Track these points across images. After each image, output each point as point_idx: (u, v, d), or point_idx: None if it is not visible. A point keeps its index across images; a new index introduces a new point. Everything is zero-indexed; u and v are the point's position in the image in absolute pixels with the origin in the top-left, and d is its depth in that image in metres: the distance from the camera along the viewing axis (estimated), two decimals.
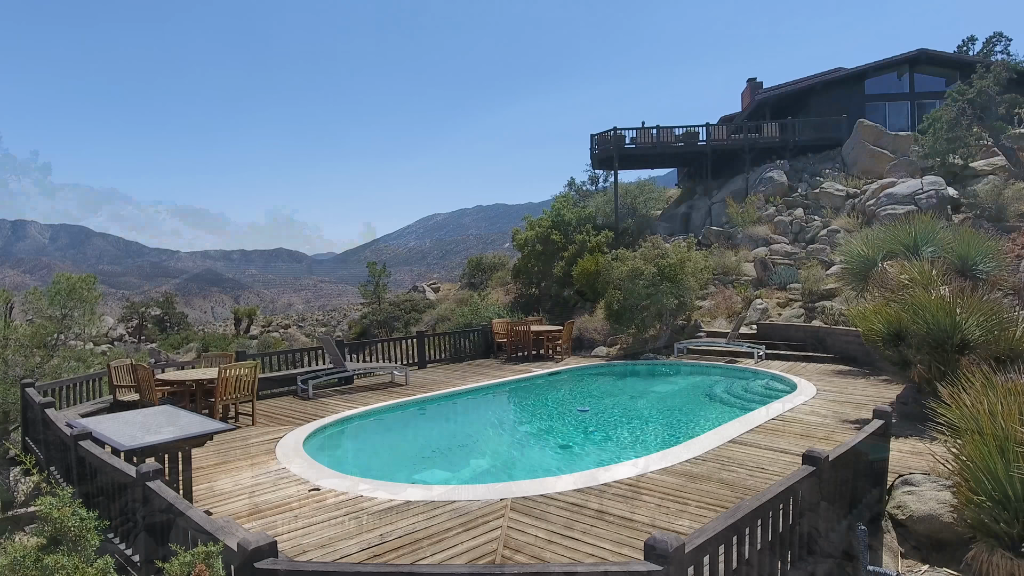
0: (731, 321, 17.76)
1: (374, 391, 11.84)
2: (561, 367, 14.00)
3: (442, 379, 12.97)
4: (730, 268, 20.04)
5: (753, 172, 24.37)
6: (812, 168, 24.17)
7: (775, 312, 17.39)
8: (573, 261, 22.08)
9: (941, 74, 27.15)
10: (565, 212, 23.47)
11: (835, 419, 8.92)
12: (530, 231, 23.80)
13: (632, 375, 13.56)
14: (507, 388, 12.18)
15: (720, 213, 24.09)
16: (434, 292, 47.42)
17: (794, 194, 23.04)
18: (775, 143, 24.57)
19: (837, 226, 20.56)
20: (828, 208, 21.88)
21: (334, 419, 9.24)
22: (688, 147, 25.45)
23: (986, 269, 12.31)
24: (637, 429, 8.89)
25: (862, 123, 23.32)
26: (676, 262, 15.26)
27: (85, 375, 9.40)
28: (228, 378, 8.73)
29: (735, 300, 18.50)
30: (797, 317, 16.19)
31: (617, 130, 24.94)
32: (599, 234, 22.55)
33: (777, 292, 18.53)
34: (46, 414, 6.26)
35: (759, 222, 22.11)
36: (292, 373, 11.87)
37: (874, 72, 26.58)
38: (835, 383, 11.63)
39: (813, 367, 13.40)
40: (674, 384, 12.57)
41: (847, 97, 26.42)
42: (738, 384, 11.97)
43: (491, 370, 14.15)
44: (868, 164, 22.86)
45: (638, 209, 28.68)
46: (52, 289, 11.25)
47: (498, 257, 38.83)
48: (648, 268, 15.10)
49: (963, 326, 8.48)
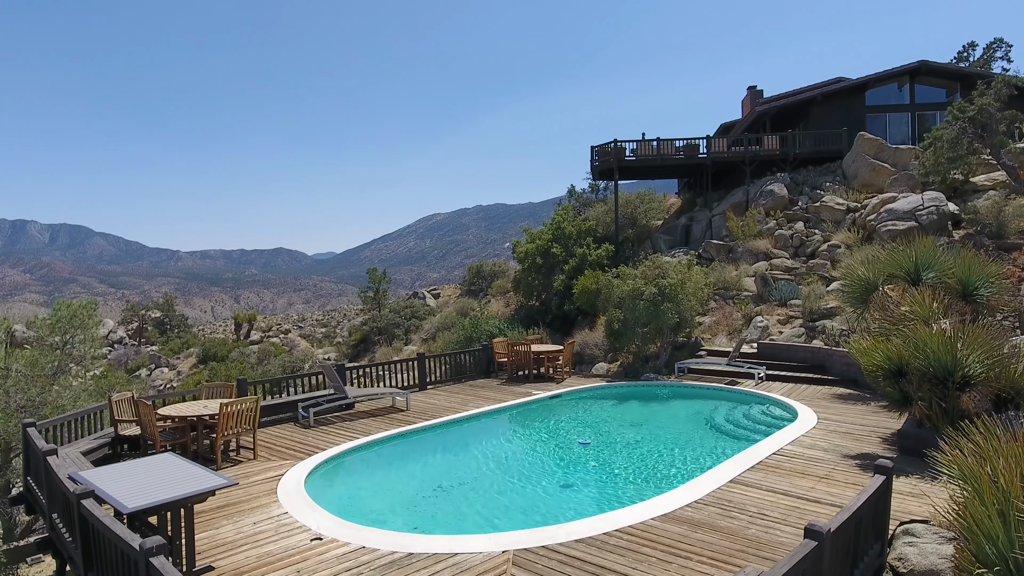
0: (731, 338, 17.78)
1: (375, 417, 11.86)
2: (562, 389, 14.01)
3: (443, 403, 12.98)
4: (731, 283, 20.04)
5: (754, 185, 24.37)
6: (813, 181, 24.16)
7: (776, 330, 17.41)
8: (574, 275, 22.11)
9: (941, 85, 27.16)
10: (565, 225, 23.48)
11: (835, 453, 8.93)
12: (530, 244, 23.81)
13: (633, 398, 13.56)
14: (508, 414, 12.18)
15: (720, 226, 24.09)
16: (434, 298, 47.44)
17: (794, 207, 23.04)
18: (775, 156, 24.56)
19: (838, 241, 20.57)
20: (828, 222, 21.89)
21: (335, 452, 9.25)
22: (688, 159, 25.45)
23: (987, 294, 12.34)
24: (638, 464, 8.90)
25: (863, 136, 23.31)
26: (677, 282, 15.27)
27: (86, 409, 9.40)
28: (229, 413, 8.73)
29: (735, 317, 18.51)
30: (798, 336, 16.19)
31: (617, 142, 24.93)
32: (599, 248, 22.57)
33: (778, 308, 18.54)
34: (48, 464, 6.26)
35: (759, 236, 22.11)
36: (293, 399, 11.87)
37: (875, 84, 26.59)
38: (835, 409, 11.64)
39: (813, 390, 13.42)
40: (675, 410, 12.58)
41: (847, 108, 26.42)
42: (739, 410, 11.97)
43: (492, 392, 14.17)
44: (868, 177, 22.85)
45: (638, 219, 28.71)
46: (53, 317, 11.25)
47: (498, 264, 38.88)
48: (649, 288, 15.10)
49: (964, 363, 8.49)
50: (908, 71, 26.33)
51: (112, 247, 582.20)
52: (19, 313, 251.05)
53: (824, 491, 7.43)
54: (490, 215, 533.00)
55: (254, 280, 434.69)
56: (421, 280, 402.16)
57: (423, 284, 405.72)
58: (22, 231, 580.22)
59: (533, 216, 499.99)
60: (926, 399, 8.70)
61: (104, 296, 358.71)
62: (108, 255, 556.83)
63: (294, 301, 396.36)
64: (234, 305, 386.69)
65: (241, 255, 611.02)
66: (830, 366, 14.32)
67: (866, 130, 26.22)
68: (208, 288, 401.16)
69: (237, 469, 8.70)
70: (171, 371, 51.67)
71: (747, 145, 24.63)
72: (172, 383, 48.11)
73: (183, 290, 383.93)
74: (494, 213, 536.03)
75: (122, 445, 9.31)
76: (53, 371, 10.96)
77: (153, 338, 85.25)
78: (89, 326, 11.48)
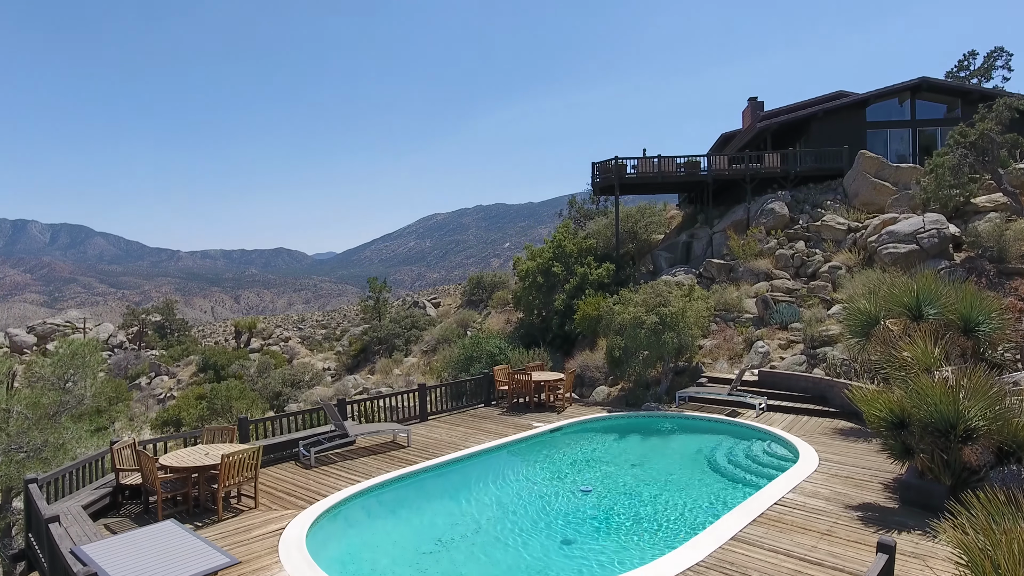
0: (732, 363, 17.78)
1: (376, 455, 11.85)
2: (562, 421, 14.00)
3: (444, 438, 12.97)
4: (732, 305, 20.03)
5: (754, 202, 24.35)
6: (813, 199, 24.14)
7: (777, 355, 17.40)
8: (575, 294, 22.11)
9: (942, 101, 27.13)
10: (566, 243, 23.46)
11: (837, 503, 8.91)
12: (531, 261, 23.80)
13: (634, 432, 13.55)
14: (509, 451, 12.16)
15: (721, 244, 24.07)
16: (434, 307, 47.49)
17: (795, 226, 23.02)
18: (776, 173, 24.54)
19: (838, 262, 20.56)
20: (829, 241, 21.88)
21: (336, 500, 9.23)
22: (689, 176, 25.43)
23: (988, 329, 12.34)
24: (640, 514, 8.89)
25: (864, 154, 23.28)
26: (678, 311, 15.25)
27: (87, 457, 9.39)
28: (231, 463, 8.72)
29: (736, 340, 18.51)
30: (799, 364, 16.18)
31: (618, 159, 24.91)
32: (600, 267, 22.56)
33: (779, 332, 18.53)
34: (51, 533, 6.25)
35: (760, 255, 22.10)
36: (294, 437, 11.85)
37: (875, 100, 26.57)
38: (836, 448, 11.63)
39: (815, 424, 13.41)
40: (676, 447, 12.57)
41: (848, 124, 26.40)
42: (740, 448, 11.96)
43: (492, 424, 14.16)
44: (869, 196, 22.83)
45: (639, 234, 28.71)
46: (55, 356, 11.24)
47: (498, 275, 38.88)
48: (650, 318, 15.09)
49: (967, 415, 8.47)
50: (909, 87, 26.31)
51: (113, 247, 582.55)
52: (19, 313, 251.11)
53: (826, 551, 7.41)
54: (490, 215, 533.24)
55: (254, 280, 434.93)
56: (421, 280, 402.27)
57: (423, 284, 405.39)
58: (23, 231, 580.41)
59: (533, 216, 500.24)
60: (928, 451, 8.69)
61: (104, 296, 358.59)
62: (109, 255, 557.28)
63: (294, 301, 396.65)
64: (234, 305, 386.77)
65: (241, 255, 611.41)
66: (831, 397, 14.31)
67: (867, 146, 26.24)
68: (208, 288, 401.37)
69: (238, 521, 8.68)
70: (171, 379, 51.70)
71: (748, 163, 24.60)
72: (172, 392, 48.15)
73: (183, 290, 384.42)
74: (494, 213, 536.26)
75: (124, 493, 9.30)
76: (54, 411, 10.95)
77: (153, 342, 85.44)
78: (91, 364, 11.47)
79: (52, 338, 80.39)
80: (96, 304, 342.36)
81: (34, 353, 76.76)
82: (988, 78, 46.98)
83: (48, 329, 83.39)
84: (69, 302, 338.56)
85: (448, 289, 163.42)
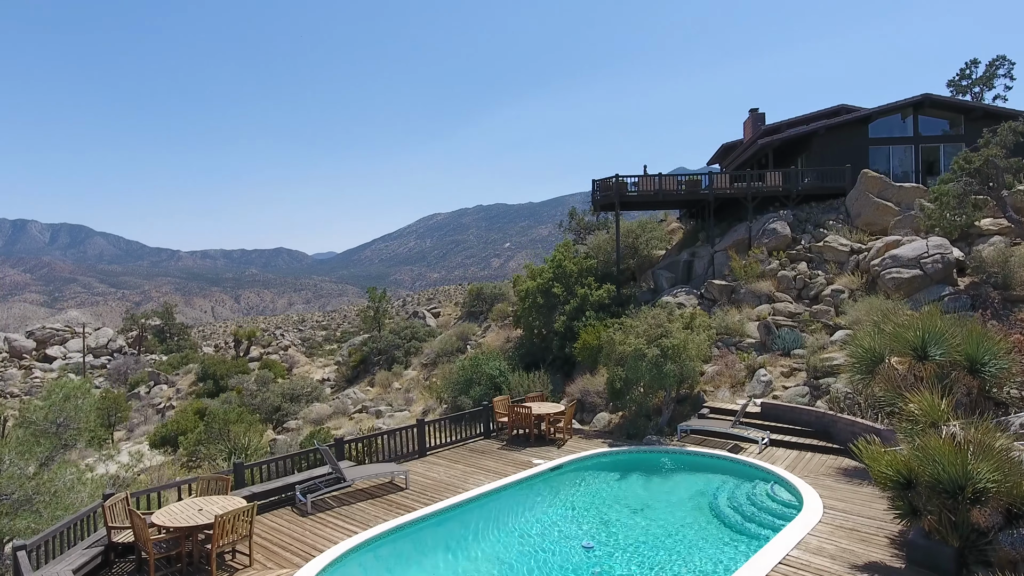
0: (734, 391, 17.61)
1: (374, 499, 11.67)
2: (563, 457, 13.82)
3: (443, 477, 12.80)
4: (733, 329, 19.86)
5: (756, 221, 24.17)
6: (816, 218, 23.97)
7: (779, 383, 17.22)
8: (575, 316, 21.95)
9: (945, 117, 26.95)
10: (567, 263, 23.28)
11: (843, 563, 8.74)
12: (531, 281, 23.62)
13: (635, 470, 13.37)
14: (509, 495, 11.99)
15: (723, 263, 23.90)
16: (434, 317, 47.32)
17: (797, 246, 22.85)
18: (778, 192, 24.37)
19: (841, 285, 20.39)
20: (832, 263, 21.70)
21: (332, 558, 9.05)
22: (690, 194, 25.27)
23: (995, 370, 12.19)
24: (643, 571, 8.73)
25: (866, 174, 23.11)
26: (680, 343, 15.08)
27: (78, 515, 9.21)
28: (224, 523, 8.55)
29: (738, 367, 18.33)
30: (802, 396, 16.00)
31: (619, 177, 24.74)
32: (600, 288, 22.39)
33: (781, 359, 18.34)
34: None
35: (762, 277, 21.93)
36: (291, 482, 11.68)
37: (878, 116, 26.39)
38: (841, 493, 11.44)
39: (818, 462, 13.24)
40: (678, 488, 12.39)
41: (850, 140, 26.23)
42: (742, 490, 11.79)
43: (492, 460, 13.99)
44: (872, 216, 22.66)
45: (640, 249, 28.56)
46: (47, 400, 11.07)
47: (498, 287, 38.72)
48: (651, 350, 14.91)
49: (976, 476, 8.30)
50: (912, 103, 26.13)
51: (113, 247, 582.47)
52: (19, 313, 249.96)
53: None
54: (490, 215, 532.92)
55: (254, 280, 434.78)
56: (421, 280, 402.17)
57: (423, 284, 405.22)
58: (23, 231, 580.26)
59: (533, 216, 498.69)
60: (935, 512, 8.52)
61: (104, 296, 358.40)
62: (109, 255, 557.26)
63: (294, 301, 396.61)
64: (234, 305, 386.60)
65: (242, 255, 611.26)
66: (835, 432, 14.14)
67: (869, 162, 26.09)
68: (208, 288, 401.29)
69: None
70: (170, 388, 51.54)
71: (750, 181, 24.41)
72: (171, 401, 48.00)
73: (183, 290, 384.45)
74: (494, 213, 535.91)
75: (116, 550, 9.13)
76: (47, 457, 10.79)
77: (153, 347, 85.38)
78: (84, 408, 11.30)
79: (51, 343, 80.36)
80: (96, 304, 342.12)
81: (32, 358, 76.66)
82: (990, 87, 46.81)
83: (47, 334, 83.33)
84: (69, 302, 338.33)
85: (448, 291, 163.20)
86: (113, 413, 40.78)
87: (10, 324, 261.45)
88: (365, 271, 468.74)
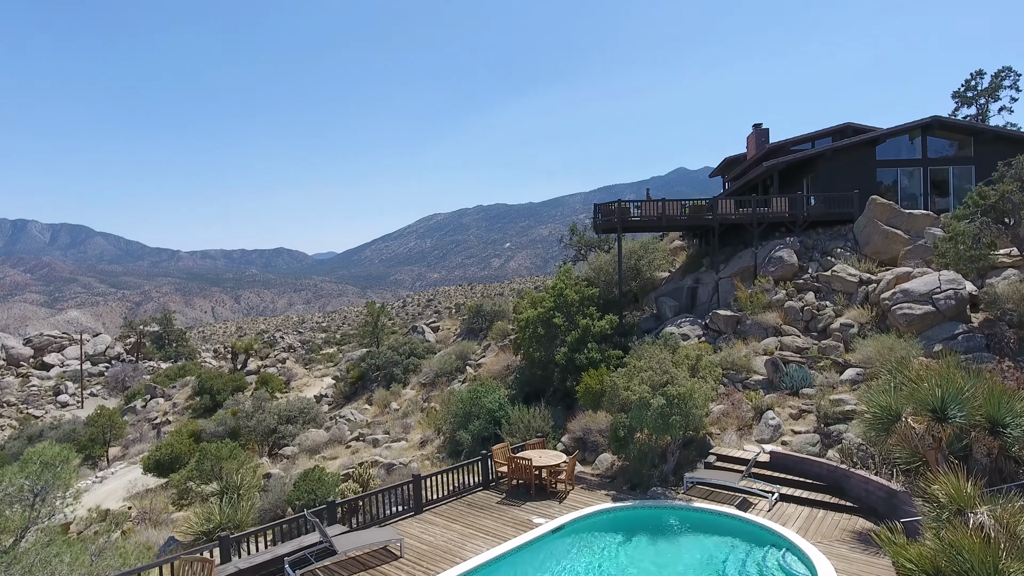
0: (741, 435, 17.06)
1: (368, 569, 11.12)
2: (565, 516, 13.24)
3: (439, 542, 12.25)
4: (740, 365, 19.31)
5: (762, 247, 23.61)
6: (823, 245, 23.42)
7: (788, 427, 16.66)
8: (576, 348, 21.41)
9: (954, 139, 26.40)
10: (568, 292, 22.72)
11: None
12: (532, 311, 23.05)
13: (640, 530, 12.81)
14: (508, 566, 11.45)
15: (727, 291, 23.36)
16: (433, 332, 46.75)
17: (804, 275, 22.30)
18: (784, 218, 23.81)
19: (850, 319, 19.82)
20: (840, 294, 21.15)
21: None
22: (693, 219, 24.73)
23: (1018, 432, 11.69)
24: None
25: (875, 201, 22.55)
26: (686, 391, 14.54)
27: None
28: None
29: (745, 407, 17.78)
30: (812, 445, 15.43)
31: (621, 203, 24.21)
32: (603, 319, 21.84)
33: (790, 398, 17.79)
34: None
35: (769, 308, 21.39)
36: (279, 554, 11.13)
37: (885, 138, 25.84)
38: (858, 565, 10.89)
39: (831, 523, 12.69)
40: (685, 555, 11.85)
41: (858, 162, 25.67)
42: (752, 559, 11.26)
43: (491, 519, 13.42)
44: (881, 244, 22.12)
45: (642, 271, 28.04)
46: (23, 470, 10.53)
47: (498, 305, 38.18)
48: (656, 400, 14.37)
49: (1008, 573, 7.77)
50: (921, 125, 25.58)
51: (113, 247, 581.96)
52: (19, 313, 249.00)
53: None
54: (490, 215, 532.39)
55: (255, 280, 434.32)
56: (421, 280, 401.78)
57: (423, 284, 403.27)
58: (23, 231, 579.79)
59: (533, 216, 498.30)
60: None
61: (104, 296, 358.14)
62: (109, 255, 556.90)
63: (294, 301, 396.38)
64: (235, 306, 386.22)
65: (242, 255, 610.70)
66: (848, 488, 13.60)
67: (876, 184, 25.55)
68: (208, 288, 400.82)
69: None
70: (167, 402, 51.03)
71: (755, 207, 23.85)
72: (168, 416, 47.48)
73: (184, 290, 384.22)
74: (494, 213, 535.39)
75: None
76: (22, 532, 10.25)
77: (151, 353, 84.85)
78: (63, 476, 10.76)
79: (49, 350, 79.84)
80: (96, 304, 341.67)
81: (30, 365, 76.13)
82: (995, 99, 46.25)
83: (45, 341, 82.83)
84: (69, 302, 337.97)
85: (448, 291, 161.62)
86: (108, 431, 40.37)
87: (10, 324, 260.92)
88: (365, 271, 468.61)
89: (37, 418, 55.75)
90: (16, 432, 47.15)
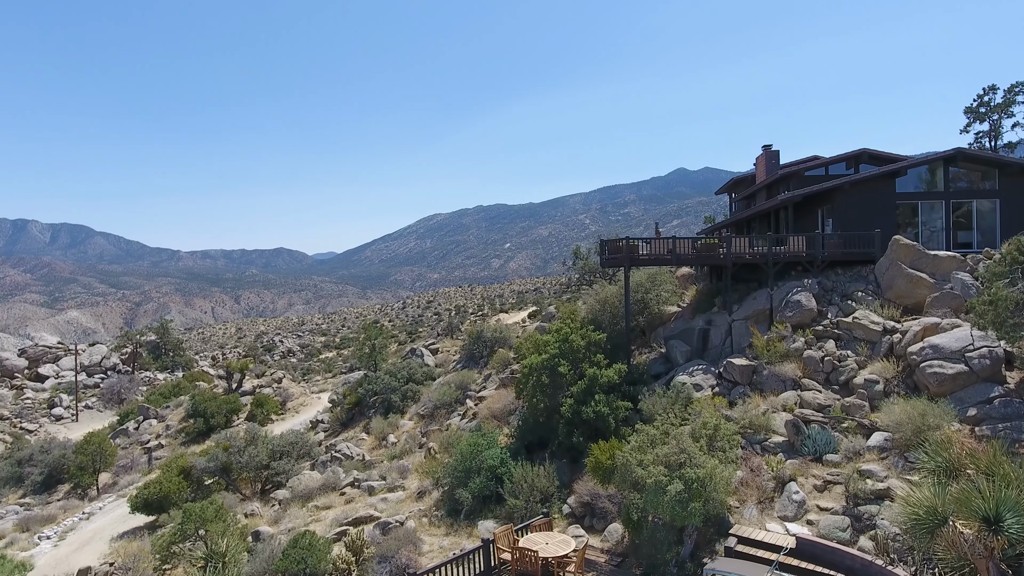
0: (763, 509, 15.87)
1: None
2: None
3: None
4: (758, 425, 18.12)
5: (778, 288, 22.41)
6: (843, 288, 22.21)
7: (813, 503, 15.45)
8: (583, 399, 20.23)
9: (977, 170, 25.20)
10: (573, 337, 21.52)
11: None
12: (536, 356, 21.86)
13: None
14: None
15: (741, 335, 22.17)
16: (432, 355, 45.53)
17: (824, 320, 21.10)
18: (801, 258, 22.58)
19: (875, 373, 18.62)
20: (863, 343, 19.93)
21: None
22: (705, 256, 23.52)
23: None
24: None
25: (897, 241, 21.34)
26: (706, 474, 13.36)
27: None
28: None
29: (766, 475, 16.58)
30: (842, 529, 14.22)
31: (630, 240, 22.99)
32: (610, 368, 20.65)
33: (813, 465, 16.59)
34: None
35: (786, 358, 20.17)
36: None
37: (906, 170, 24.63)
38: None
39: None
40: None
41: (877, 196, 24.46)
42: None
43: None
44: (904, 288, 20.90)
45: (649, 304, 26.86)
46: None
47: (499, 331, 37.00)
48: (674, 485, 13.19)
49: None
50: (943, 157, 24.38)
51: (113, 247, 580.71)
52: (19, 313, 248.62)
53: None
54: (490, 215, 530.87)
55: (255, 280, 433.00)
56: (421, 281, 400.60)
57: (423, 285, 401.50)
58: (23, 231, 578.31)
59: (534, 216, 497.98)
60: None
61: (104, 296, 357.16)
62: (109, 255, 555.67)
63: (295, 302, 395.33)
64: (235, 306, 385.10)
65: (242, 255, 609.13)
66: None
67: (895, 217, 24.38)
68: (208, 288, 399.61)
69: None
70: (160, 423, 49.81)
71: (770, 247, 22.62)
72: (160, 439, 46.29)
73: (183, 290, 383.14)
74: (494, 213, 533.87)
75: None
76: None
77: (147, 364, 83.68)
78: None
79: (44, 360, 78.73)
80: (96, 304, 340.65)
81: (24, 377, 75.02)
82: (1009, 114, 45.03)
83: (40, 352, 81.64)
84: (69, 302, 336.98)
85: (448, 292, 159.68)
86: (98, 458, 39.14)
87: (10, 324, 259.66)
88: (365, 271, 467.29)
89: (30, 432, 54.63)
90: (6, 452, 45.92)
